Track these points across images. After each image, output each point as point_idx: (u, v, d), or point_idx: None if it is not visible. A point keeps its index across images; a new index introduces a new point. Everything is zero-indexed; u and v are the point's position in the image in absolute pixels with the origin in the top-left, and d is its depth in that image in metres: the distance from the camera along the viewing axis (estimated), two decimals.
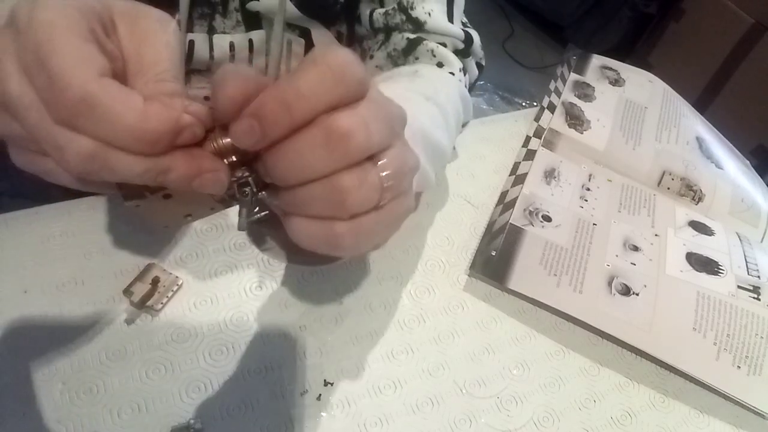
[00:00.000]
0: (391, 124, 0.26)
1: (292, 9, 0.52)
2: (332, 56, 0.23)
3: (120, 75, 0.26)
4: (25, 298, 0.43)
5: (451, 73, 0.52)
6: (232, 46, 0.54)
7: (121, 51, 0.26)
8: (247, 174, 0.26)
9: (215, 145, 0.26)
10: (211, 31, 0.53)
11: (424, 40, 0.52)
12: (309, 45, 0.57)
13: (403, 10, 0.52)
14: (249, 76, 0.24)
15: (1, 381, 0.39)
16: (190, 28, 0.52)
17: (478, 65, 0.58)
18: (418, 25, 0.52)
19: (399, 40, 0.52)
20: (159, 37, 0.26)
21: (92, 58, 0.24)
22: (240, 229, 0.28)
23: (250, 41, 0.54)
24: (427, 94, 0.46)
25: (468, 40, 0.53)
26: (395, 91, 0.46)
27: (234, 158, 0.26)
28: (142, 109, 0.23)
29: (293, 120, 0.23)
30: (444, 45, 0.53)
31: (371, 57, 0.55)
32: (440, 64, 0.52)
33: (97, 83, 0.23)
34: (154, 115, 0.23)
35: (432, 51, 0.52)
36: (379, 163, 0.25)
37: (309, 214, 0.25)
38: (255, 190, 0.27)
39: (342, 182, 0.24)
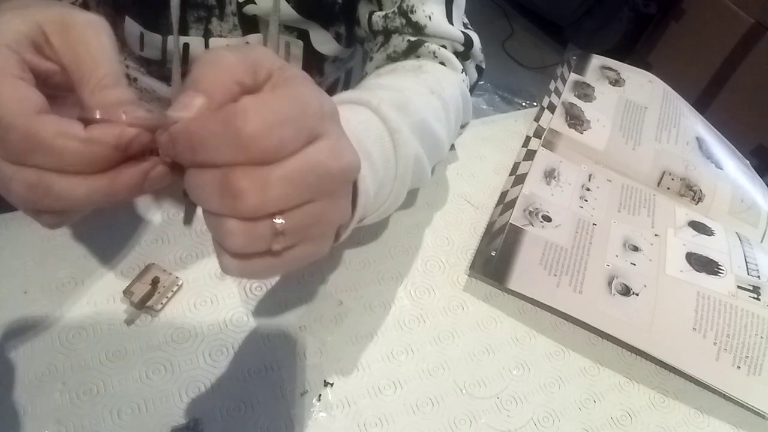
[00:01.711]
0: (317, 182, 0.25)
1: (289, 11, 0.52)
2: (243, 122, 0.22)
3: (66, 85, 0.28)
4: (25, 298, 0.43)
5: None
6: None
7: (60, 61, 0.28)
8: None
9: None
10: (208, 34, 0.53)
11: (425, 42, 0.52)
12: (307, 47, 0.56)
13: (403, 13, 0.51)
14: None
15: (1, 381, 0.39)
16: (185, 31, 0.52)
17: (478, 68, 0.57)
18: (417, 29, 0.51)
19: (399, 42, 0.52)
20: (92, 42, 0.28)
21: (28, 97, 0.25)
22: (184, 223, 0.31)
23: (247, 45, 0.54)
24: (432, 88, 0.46)
25: (468, 42, 0.53)
26: (401, 83, 0.46)
27: None
28: (83, 137, 0.24)
29: (195, 160, 0.24)
30: (444, 47, 0.52)
31: (371, 59, 0.55)
32: (442, 64, 0.52)
33: (37, 120, 0.25)
34: (97, 139, 0.25)
35: (434, 53, 0.51)
36: (279, 217, 0.24)
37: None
38: None
39: (226, 225, 0.24)
